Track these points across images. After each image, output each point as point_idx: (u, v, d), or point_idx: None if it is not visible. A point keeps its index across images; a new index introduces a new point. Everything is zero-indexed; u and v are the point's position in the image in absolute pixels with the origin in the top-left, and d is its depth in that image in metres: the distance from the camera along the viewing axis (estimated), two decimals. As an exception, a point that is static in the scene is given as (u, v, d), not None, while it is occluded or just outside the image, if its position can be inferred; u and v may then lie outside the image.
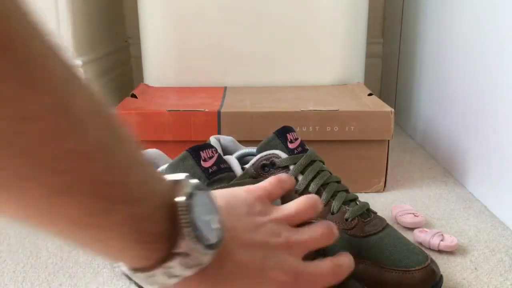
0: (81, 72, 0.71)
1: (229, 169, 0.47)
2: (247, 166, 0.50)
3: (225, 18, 0.86)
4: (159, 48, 0.89)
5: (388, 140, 0.71)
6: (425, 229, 0.59)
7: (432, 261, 0.46)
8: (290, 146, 0.50)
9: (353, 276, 0.38)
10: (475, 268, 0.52)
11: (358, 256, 0.43)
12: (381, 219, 0.49)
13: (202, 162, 0.45)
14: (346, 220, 0.48)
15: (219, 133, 0.69)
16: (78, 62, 0.90)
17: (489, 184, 0.67)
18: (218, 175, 0.45)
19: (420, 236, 0.57)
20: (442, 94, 0.85)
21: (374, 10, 1.23)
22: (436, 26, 0.88)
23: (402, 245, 0.47)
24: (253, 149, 0.52)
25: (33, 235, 0.60)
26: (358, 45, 0.92)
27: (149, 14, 0.87)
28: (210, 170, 0.45)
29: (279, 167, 0.49)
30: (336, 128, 0.69)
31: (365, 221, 0.48)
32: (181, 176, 0.30)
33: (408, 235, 0.59)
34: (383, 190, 0.73)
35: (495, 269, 0.52)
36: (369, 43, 0.99)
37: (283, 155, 0.49)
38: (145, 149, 0.53)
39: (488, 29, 0.67)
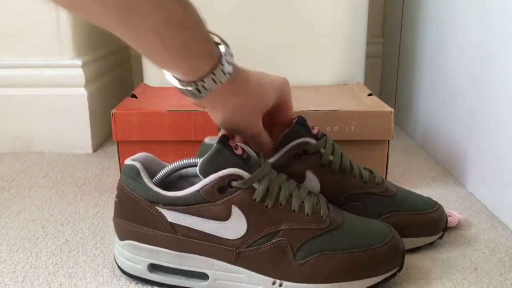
0: (82, 72, 0.69)
1: (249, 155, 0.48)
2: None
3: (225, 18, 0.86)
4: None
5: (388, 140, 0.71)
6: None
7: (440, 206, 0.58)
8: (314, 132, 0.55)
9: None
10: (475, 268, 0.52)
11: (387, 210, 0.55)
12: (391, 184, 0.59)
13: (235, 151, 0.46)
14: (377, 184, 0.57)
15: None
16: (78, 62, 0.90)
17: (489, 184, 0.67)
18: (251, 160, 0.47)
19: None
20: (442, 94, 0.84)
21: (374, 10, 1.23)
22: (436, 26, 0.88)
23: (417, 196, 0.59)
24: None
25: (33, 235, 0.60)
26: (358, 45, 0.92)
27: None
28: (244, 157, 0.47)
29: (311, 153, 0.54)
30: (336, 128, 0.69)
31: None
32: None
33: (408, 235, 0.59)
34: (383, 190, 0.73)
35: (495, 269, 0.52)
36: (369, 43, 0.99)
37: (312, 141, 0.54)
38: (142, 151, 0.53)
39: (488, 29, 0.67)
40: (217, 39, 0.46)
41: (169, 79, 0.46)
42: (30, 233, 0.60)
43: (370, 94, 0.80)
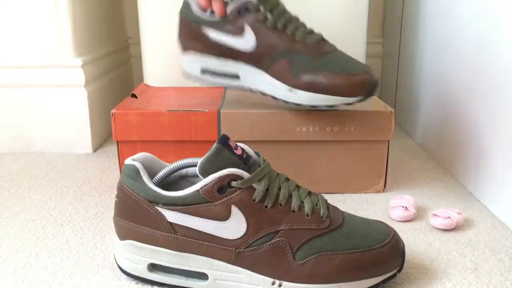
0: (82, 72, 0.70)
1: (249, 155, 0.48)
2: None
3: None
4: (159, 48, 0.89)
5: (388, 141, 0.71)
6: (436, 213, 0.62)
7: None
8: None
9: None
10: (475, 268, 0.52)
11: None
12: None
13: (234, 151, 0.46)
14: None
15: (219, 133, 0.69)
16: (78, 62, 0.90)
17: (489, 184, 0.67)
18: (250, 160, 0.47)
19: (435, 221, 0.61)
20: (442, 94, 0.85)
21: (374, 10, 1.23)
22: (436, 26, 0.88)
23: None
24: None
25: (33, 235, 0.60)
26: (358, 45, 0.92)
27: (149, 14, 0.87)
28: (244, 157, 0.47)
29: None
30: (336, 129, 0.69)
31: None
32: None
33: (399, 228, 0.60)
34: (383, 190, 0.73)
35: (495, 269, 0.52)
36: (369, 43, 0.99)
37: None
38: (142, 151, 0.52)
39: (488, 29, 0.67)
40: None
41: None
42: (30, 233, 0.60)
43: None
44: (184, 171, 0.52)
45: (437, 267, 0.53)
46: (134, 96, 0.78)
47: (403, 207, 0.63)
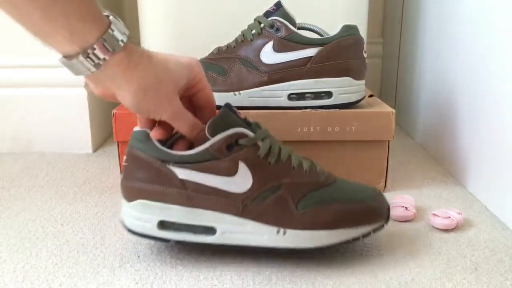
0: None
1: (249, 120, 0.53)
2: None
3: (226, 18, 0.86)
4: (159, 48, 0.89)
5: (389, 141, 0.71)
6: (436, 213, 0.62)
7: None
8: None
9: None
10: (475, 268, 0.52)
11: None
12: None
13: (239, 115, 0.51)
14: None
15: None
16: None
17: (489, 184, 0.67)
18: (251, 124, 0.52)
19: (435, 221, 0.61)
20: (442, 94, 0.85)
21: (374, 10, 1.23)
22: (436, 26, 0.88)
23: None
24: None
25: (33, 235, 0.60)
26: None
27: (149, 14, 0.87)
28: (246, 120, 0.51)
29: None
30: (337, 129, 0.69)
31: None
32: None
33: (399, 228, 0.60)
34: (383, 190, 0.73)
35: (495, 269, 0.52)
36: (369, 43, 0.99)
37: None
38: None
39: (488, 29, 0.67)
40: (106, 13, 0.44)
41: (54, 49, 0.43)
42: (30, 233, 0.60)
43: (371, 96, 0.80)
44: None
45: (437, 267, 0.53)
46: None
47: (403, 207, 0.63)
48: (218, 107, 0.53)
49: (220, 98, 0.68)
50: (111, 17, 0.44)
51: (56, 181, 0.78)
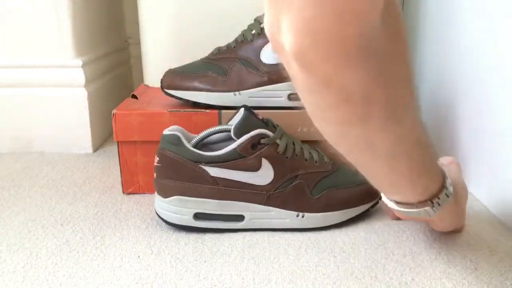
0: (82, 72, 0.69)
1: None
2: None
3: (225, 19, 0.86)
4: (159, 48, 0.89)
5: (388, 140, 0.71)
6: None
7: None
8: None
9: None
10: (475, 268, 0.52)
11: None
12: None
13: (258, 117, 0.59)
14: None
15: (219, 133, 0.69)
16: (78, 62, 0.90)
17: (489, 184, 0.67)
18: (268, 123, 0.60)
19: None
20: (442, 94, 0.85)
21: (374, 10, 1.22)
22: (436, 25, 0.88)
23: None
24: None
25: (33, 235, 0.60)
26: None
27: (149, 14, 0.87)
28: (264, 121, 0.60)
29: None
30: (336, 128, 0.69)
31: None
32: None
33: (399, 229, 0.59)
34: (383, 190, 0.73)
35: (495, 269, 0.52)
36: (369, 43, 0.99)
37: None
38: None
39: (489, 28, 0.67)
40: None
41: (386, 202, 0.51)
42: (30, 233, 0.60)
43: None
44: (205, 140, 0.63)
45: (437, 267, 0.53)
46: (134, 97, 0.78)
47: None
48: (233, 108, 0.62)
49: (220, 98, 0.69)
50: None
51: (56, 181, 0.78)
